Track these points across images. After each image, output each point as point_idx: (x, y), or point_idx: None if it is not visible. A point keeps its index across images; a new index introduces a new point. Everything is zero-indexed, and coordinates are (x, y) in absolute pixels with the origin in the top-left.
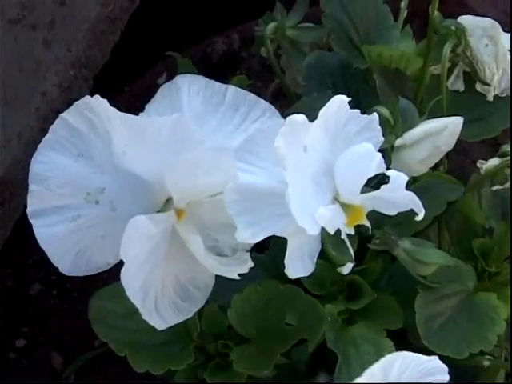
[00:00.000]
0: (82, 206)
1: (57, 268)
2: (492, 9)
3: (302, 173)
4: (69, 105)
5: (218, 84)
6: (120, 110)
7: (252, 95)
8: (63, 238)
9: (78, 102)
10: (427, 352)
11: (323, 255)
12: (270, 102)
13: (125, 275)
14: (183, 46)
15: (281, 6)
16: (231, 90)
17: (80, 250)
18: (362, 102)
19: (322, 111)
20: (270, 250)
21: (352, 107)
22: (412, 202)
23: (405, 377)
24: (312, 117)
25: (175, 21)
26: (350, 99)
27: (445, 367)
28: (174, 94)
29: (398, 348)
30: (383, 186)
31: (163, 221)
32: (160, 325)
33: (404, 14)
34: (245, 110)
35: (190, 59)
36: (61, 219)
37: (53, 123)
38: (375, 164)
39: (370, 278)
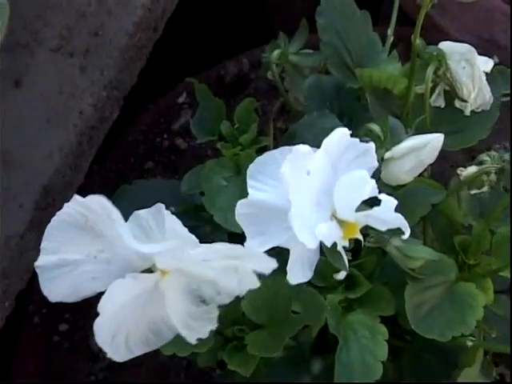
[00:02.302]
0: (81, 260)
1: None
2: (467, 34)
3: (305, 194)
4: (101, 121)
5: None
6: (146, 124)
7: None
8: (61, 283)
9: (88, 197)
10: (415, 334)
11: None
12: (275, 118)
13: (97, 325)
14: (200, 69)
15: (284, 35)
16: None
17: (71, 287)
18: (355, 118)
19: (325, 140)
20: (278, 249)
21: (346, 123)
22: (399, 222)
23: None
24: (312, 131)
25: (192, 47)
26: (350, 132)
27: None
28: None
29: (391, 332)
30: (375, 208)
31: (147, 281)
32: (125, 357)
33: (390, 39)
34: None
35: (206, 80)
36: (62, 270)
37: (88, 138)
38: (369, 189)
39: (365, 271)
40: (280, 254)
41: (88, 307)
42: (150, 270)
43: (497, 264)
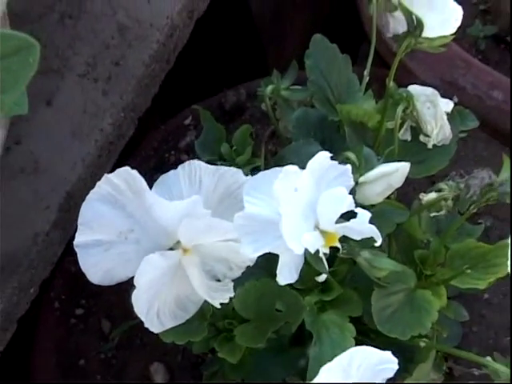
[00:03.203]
0: (114, 241)
1: None
2: (432, 76)
3: (293, 207)
4: (119, 138)
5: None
6: (157, 142)
7: None
8: (98, 262)
9: (119, 170)
10: (379, 332)
11: (306, 262)
12: (267, 142)
13: (135, 297)
14: (204, 96)
15: (277, 73)
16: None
17: (108, 269)
18: (334, 147)
19: (310, 162)
20: (267, 255)
21: (327, 150)
22: (373, 232)
23: (362, 369)
24: (298, 156)
25: (198, 77)
26: (331, 155)
27: (394, 359)
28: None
29: (358, 330)
30: (352, 220)
31: (172, 257)
32: (159, 329)
33: (366, 79)
34: None
35: (209, 106)
36: (97, 250)
37: (107, 152)
38: (347, 203)
39: (338, 277)
40: (268, 260)
41: (100, 296)
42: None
43: (449, 274)
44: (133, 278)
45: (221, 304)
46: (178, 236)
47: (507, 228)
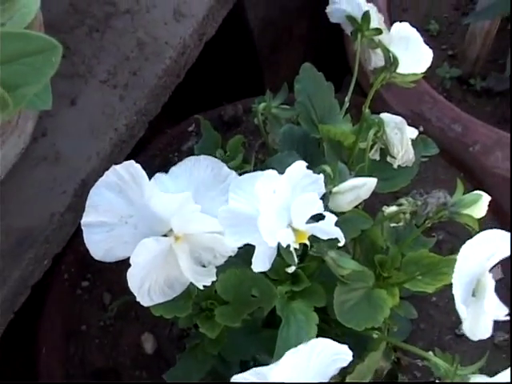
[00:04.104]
0: (115, 224)
1: None
2: (403, 107)
3: (270, 206)
4: (130, 138)
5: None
6: (162, 144)
7: None
8: (100, 240)
9: (125, 162)
10: (338, 322)
11: (280, 256)
12: (257, 151)
13: (130, 274)
14: (207, 108)
15: (270, 93)
16: (231, 175)
17: (109, 248)
18: (314, 160)
19: (288, 169)
20: (246, 247)
21: (308, 163)
22: (337, 233)
23: (321, 356)
24: (281, 165)
25: (202, 92)
26: (307, 164)
27: (349, 352)
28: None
29: (321, 318)
30: (320, 221)
31: (164, 243)
32: (148, 303)
33: (346, 105)
34: None
35: (210, 117)
36: (101, 230)
37: (119, 149)
38: (317, 207)
39: (307, 272)
40: (247, 252)
41: (103, 272)
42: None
43: (403, 278)
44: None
45: (204, 286)
46: (171, 225)
47: (457, 242)
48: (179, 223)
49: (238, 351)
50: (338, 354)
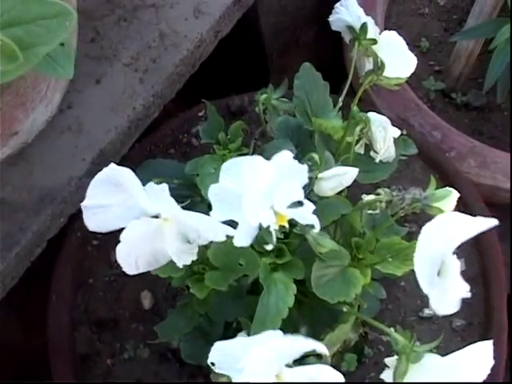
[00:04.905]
0: (112, 205)
1: None
2: (390, 112)
3: (256, 188)
4: (146, 117)
5: None
6: (174, 125)
7: None
8: (97, 218)
9: (118, 167)
10: (315, 294)
11: None
12: (257, 138)
13: (119, 249)
14: (216, 97)
15: (271, 86)
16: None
17: (103, 221)
18: (305, 148)
19: (275, 156)
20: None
21: (299, 151)
22: (313, 220)
23: None
24: (276, 152)
25: (214, 83)
26: (297, 152)
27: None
28: None
29: (299, 290)
30: (299, 208)
31: (153, 223)
32: (134, 272)
33: (339, 105)
34: None
35: (219, 105)
36: (99, 210)
37: (136, 125)
38: (298, 195)
39: (290, 247)
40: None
41: (112, 234)
42: (156, 217)
43: (376, 260)
44: None
45: (199, 253)
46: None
47: None
48: (167, 212)
49: (222, 313)
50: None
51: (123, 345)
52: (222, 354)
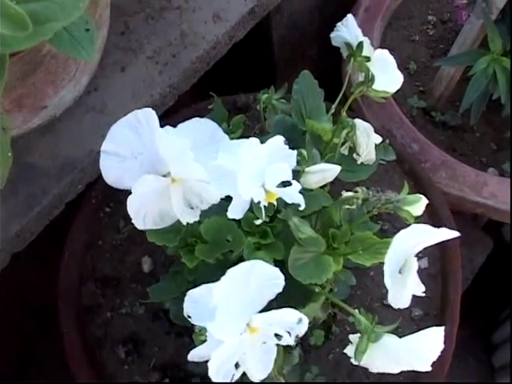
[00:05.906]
0: (127, 157)
1: None
2: (376, 122)
3: (249, 167)
4: (162, 104)
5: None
6: (187, 114)
7: None
8: (112, 168)
9: (144, 108)
10: (290, 275)
11: (253, 213)
12: (257, 133)
13: (130, 201)
14: (225, 93)
15: (273, 88)
16: (224, 138)
17: (119, 176)
18: (296, 145)
19: (269, 140)
20: (227, 199)
21: (292, 148)
22: (299, 199)
23: (259, 279)
24: None
25: (225, 81)
26: (284, 139)
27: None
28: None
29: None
30: (288, 187)
31: (162, 182)
32: (142, 227)
33: (332, 111)
34: None
35: (226, 101)
36: (114, 159)
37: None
38: (286, 175)
39: (274, 230)
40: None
41: (122, 204)
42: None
43: (348, 251)
44: None
45: (187, 224)
46: (170, 168)
47: (397, 233)
48: (177, 166)
49: (208, 281)
50: (274, 279)
51: (122, 301)
52: (194, 302)
